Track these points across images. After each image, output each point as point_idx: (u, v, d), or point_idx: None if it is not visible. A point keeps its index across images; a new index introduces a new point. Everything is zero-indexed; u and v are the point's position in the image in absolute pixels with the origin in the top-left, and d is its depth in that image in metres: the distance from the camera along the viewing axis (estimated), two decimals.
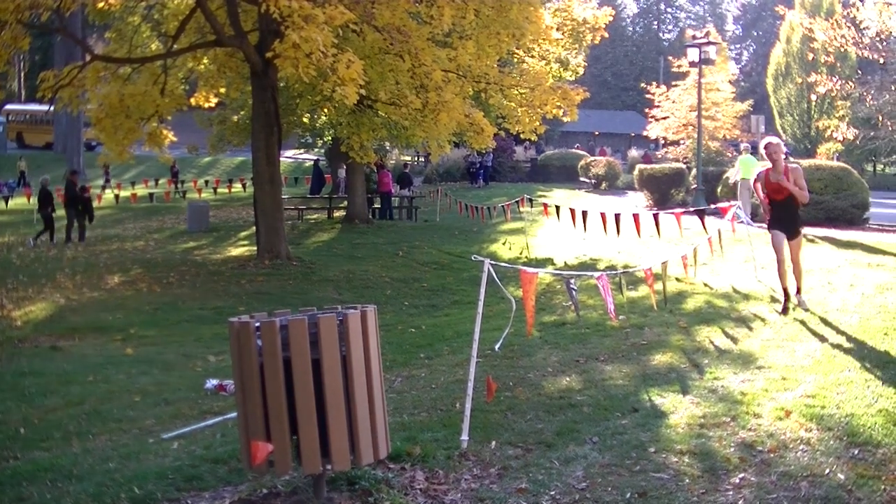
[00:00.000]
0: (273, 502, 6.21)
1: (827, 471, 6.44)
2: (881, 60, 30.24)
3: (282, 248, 24.56)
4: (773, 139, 13.13)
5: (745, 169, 26.66)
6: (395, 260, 26.18)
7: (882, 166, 59.27)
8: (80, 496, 6.54)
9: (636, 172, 39.10)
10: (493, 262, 8.20)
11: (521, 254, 25.00)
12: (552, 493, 6.33)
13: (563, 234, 26.16)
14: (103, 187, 50.52)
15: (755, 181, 13.55)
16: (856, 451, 6.84)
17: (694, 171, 35.37)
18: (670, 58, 50.72)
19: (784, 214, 13.04)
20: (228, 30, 22.38)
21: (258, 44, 22.05)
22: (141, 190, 48.14)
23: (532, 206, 30.58)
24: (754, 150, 27.74)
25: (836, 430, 7.36)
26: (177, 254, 28.70)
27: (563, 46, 29.27)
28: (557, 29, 27.03)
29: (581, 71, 33.25)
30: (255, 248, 26.21)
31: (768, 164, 12.87)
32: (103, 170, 52.22)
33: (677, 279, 16.14)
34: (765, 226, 14.12)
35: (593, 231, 21.83)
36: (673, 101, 45.04)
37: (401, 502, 6.05)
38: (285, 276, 23.01)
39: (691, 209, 21.88)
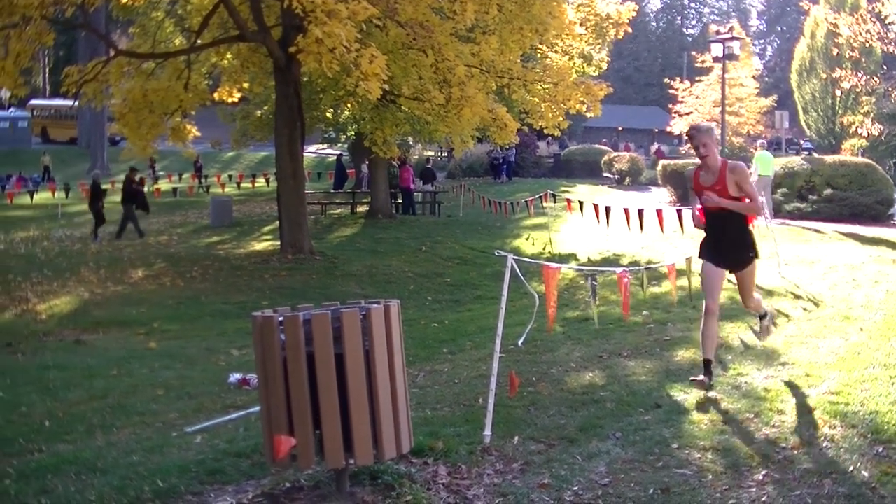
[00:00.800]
0: (296, 496, 6.21)
1: (851, 468, 6.40)
2: None
3: (305, 243, 24.60)
4: (702, 123, 9.23)
5: (763, 166, 26.66)
6: (418, 255, 26.18)
7: None
8: (103, 489, 6.56)
9: (659, 168, 39.00)
10: (516, 257, 8.19)
11: (544, 249, 24.96)
12: (575, 488, 6.32)
13: (586, 229, 26.13)
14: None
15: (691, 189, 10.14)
16: (880, 449, 6.80)
17: None
18: (694, 53, 50.69)
19: (723, 235, 8.86)
20: (252, 25, 22.43)
21: (281, 39, 22.09)
22: (164, 185, 48.28)
23: (555, 202, 30.51)
24: (771, 147, 27.66)
25: (859, 427, 7.32)
26: (200, 248, 28.78)
27: (586, 42, 29.23)
28: (580, 24, 27.01)
29: (604, 66, 33.25)
30: (278, 242, 26.26)
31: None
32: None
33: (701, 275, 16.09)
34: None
35: (617, 226, 21.79)
36: (696, 97, 45.03)
37: (423, 497, 6.04)
38: (308, 270, 23.04)
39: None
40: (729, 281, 9.52)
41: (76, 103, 28.14)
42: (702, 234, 9.08)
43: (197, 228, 34.50)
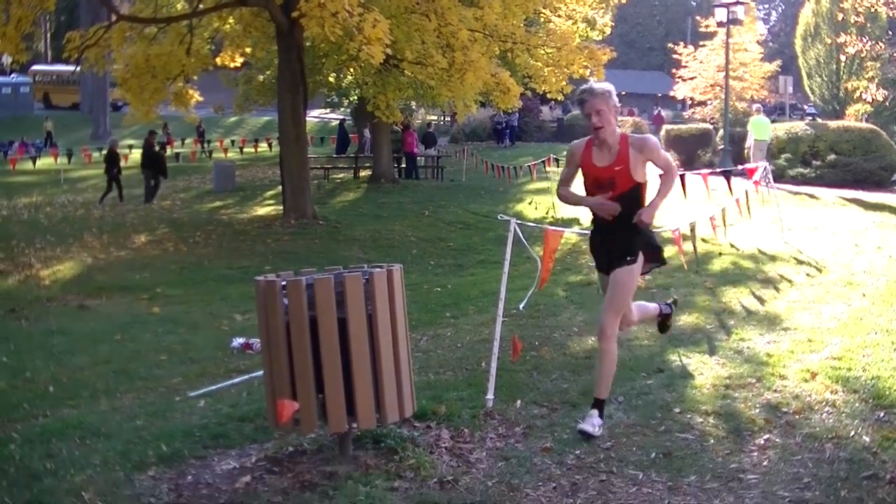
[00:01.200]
0: (299, 460, 6.24)
1: (852, 433, 6.42)
2: None
3: (308, 208, 24.60)
4: (597, 85, 7.07)
5: (758, 130, 27.04)
6: (420, 219, 26.18)
7: None
8: (107, 453, 6.59)
9: (663, 133, 38.90)
10: (519, 221, 8.19)
11: (547, 213, 24.92)
12: (577, 452, 6.34)
13: None
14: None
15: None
16: (881, 414, 6.82)
17: (721, 132, 35.17)
18: (698, 18, 50.43)
19: (615, 225, 6.85)
20: None
21: (284, 3, 21.99)
22: (167, 150, 48.25)
23: (558, 166, 30.42)
24: (775, 112, 27.75)
25: (861, 392, 7.34)
26: (203, 213, 28.79)
27: (589, 6, 29.20)
28: None
29: (608, 31, 33.18)
30: (280, 207, 26.23)
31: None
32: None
33: (703, 240, 16.08)
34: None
35: None
36: (700, 62, 44.77)
37: (426, 460, 6.06)
38: (311, 235, 23.05)
39: (718, 170, 21.80)
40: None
41: (78, 69, 28.08)
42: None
43: (200, 193, 34.49)
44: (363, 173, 37.77)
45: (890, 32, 41.18)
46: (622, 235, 6.84)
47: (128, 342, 12.86)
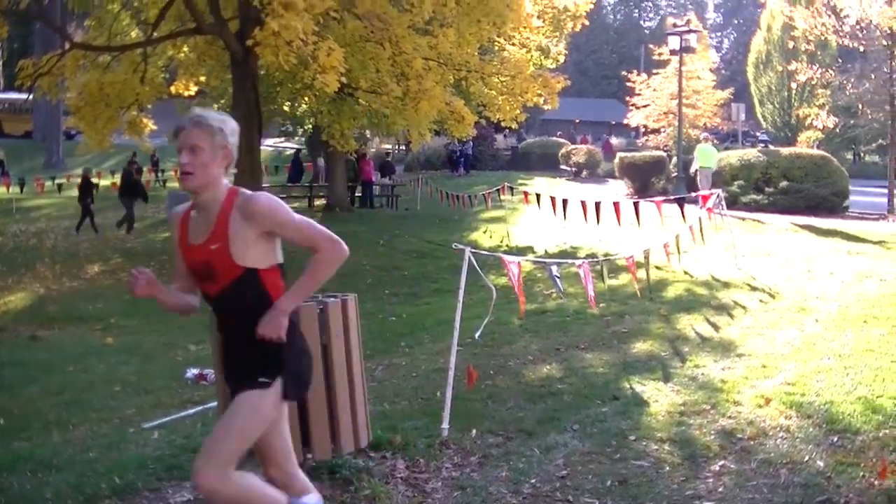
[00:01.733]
0: None
1: (806, 458, 6.47)
2: (861, 49, 30.40)
3: None
4: (209, 114, 4.72)
5: (704, 158, 27.85)
6: (375, 248, 26.12)
7: (862, 154, 59.35)
8: (60, 486, 6.52)
9: (617, 161, 39.14)
10: (473, 250, 8.20)
11: (501, 242, 24.97)
12: (533, 480, 6.35)
13: (543, 222, 26.16)
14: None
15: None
16: (835, 439, 6.87)
17: (675, 160, 35.42)
18: (651, 46, 50.77)
19: (235, 335, 4.73)
20: (208, 17, 22.29)
21: (238, 31, 21.96)
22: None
23: (513, 195, 30.54)
24: (727, 140, 28.29)
25: (815, 417, 7.40)
26: (157, 243, 28.60)
27: (543, 34, 29.31)
28: (538, 17, 27.06)
29: (562, 59, 33.32)
30: None
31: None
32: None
33: (657, 267, 16.16)
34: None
35: (574, 219, 21.85)
36: (654, 90, 45.13)
37: (382, 491, 6.05)
38: None
39: (672, 197, 21.94)
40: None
41: (31, 97, 27.90)
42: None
43: (154, 223, 34.28)
44: (318, 202, 37.70)
45: (840, 60, 41.63)
46: (248, 346, 4.61)
47: (81, 373, 12.77)
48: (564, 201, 20.85)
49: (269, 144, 60.46)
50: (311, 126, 38.51)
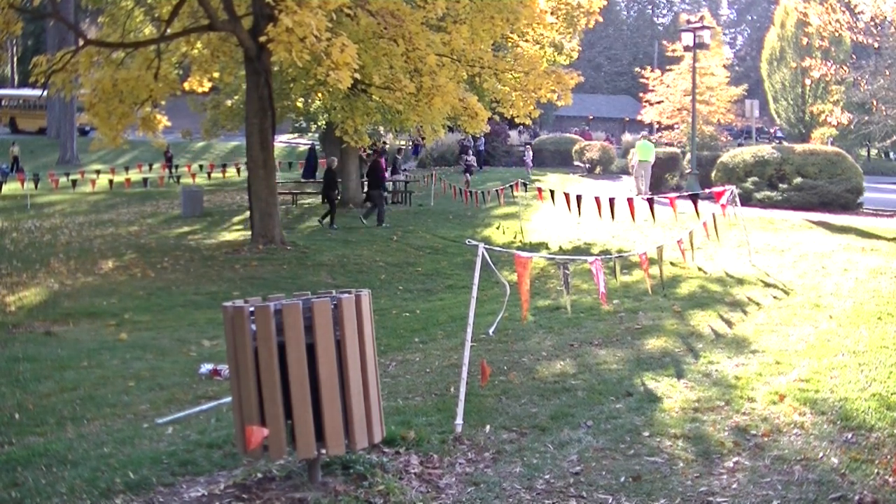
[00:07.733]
0: (268, 487, 6.20)
1: (820, 455, 6.45)
2: (875, 45, 30.22)
3: (276, 233, 24.54)
4: None
5: (642, 152, 31.79)
6: (389, 244, 26.13)
7: (876, 151, 59.18)
8: (74, 481, 6.54)
9: (630, 157, 39.10)
10: (487, 246, 8.19)
11: (515, 238, 24.96)
12: (546, 476, 6.34)
13: (557, 218, 26.15)
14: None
15: None
16: (849, 435, 6.85)
17: (688, 156, 35.35)
18: (665, 42, 50.71)
19: None
20: (222, 14, 22.32)
21: (252, 28, 21.99)
22: (135, 175, 47.94)
23: (526, 191, 30.52)
24: (742, 136, 28.93)
25: (829, 414, 7.38)
26: (171, 239, 28.65)
27: (557, 31, 29.28)
28: (551, 13, 27.03)
29: (575, 55, 33.23)
30: (248, 232, 26.15)
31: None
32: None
33: (672, 264, 16.14)
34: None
35: (588, 216, 21.83)
36: (667, 86, 45.01)
37: (395, 486, 6.04)
38: (279, 260, 22.98)
39: (685, 193, 21.90)
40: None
41: (45, 93, 27.94)
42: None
43: (167, 219, 34.31)
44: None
45: (854, 56, 41.45)
46: None
47: (95, 368, 12.76)
48: (578, 197, 20.84)
49: (282, 140, 60.51)
50: (324, 122, 38.46)
